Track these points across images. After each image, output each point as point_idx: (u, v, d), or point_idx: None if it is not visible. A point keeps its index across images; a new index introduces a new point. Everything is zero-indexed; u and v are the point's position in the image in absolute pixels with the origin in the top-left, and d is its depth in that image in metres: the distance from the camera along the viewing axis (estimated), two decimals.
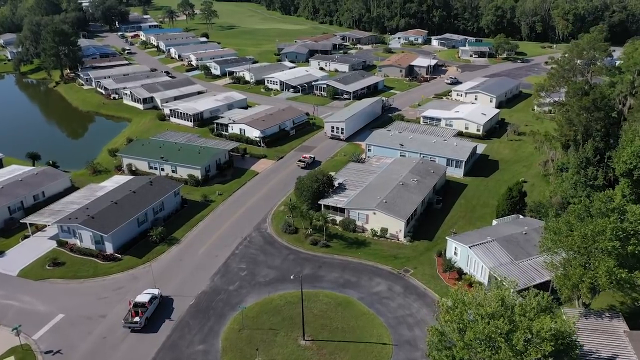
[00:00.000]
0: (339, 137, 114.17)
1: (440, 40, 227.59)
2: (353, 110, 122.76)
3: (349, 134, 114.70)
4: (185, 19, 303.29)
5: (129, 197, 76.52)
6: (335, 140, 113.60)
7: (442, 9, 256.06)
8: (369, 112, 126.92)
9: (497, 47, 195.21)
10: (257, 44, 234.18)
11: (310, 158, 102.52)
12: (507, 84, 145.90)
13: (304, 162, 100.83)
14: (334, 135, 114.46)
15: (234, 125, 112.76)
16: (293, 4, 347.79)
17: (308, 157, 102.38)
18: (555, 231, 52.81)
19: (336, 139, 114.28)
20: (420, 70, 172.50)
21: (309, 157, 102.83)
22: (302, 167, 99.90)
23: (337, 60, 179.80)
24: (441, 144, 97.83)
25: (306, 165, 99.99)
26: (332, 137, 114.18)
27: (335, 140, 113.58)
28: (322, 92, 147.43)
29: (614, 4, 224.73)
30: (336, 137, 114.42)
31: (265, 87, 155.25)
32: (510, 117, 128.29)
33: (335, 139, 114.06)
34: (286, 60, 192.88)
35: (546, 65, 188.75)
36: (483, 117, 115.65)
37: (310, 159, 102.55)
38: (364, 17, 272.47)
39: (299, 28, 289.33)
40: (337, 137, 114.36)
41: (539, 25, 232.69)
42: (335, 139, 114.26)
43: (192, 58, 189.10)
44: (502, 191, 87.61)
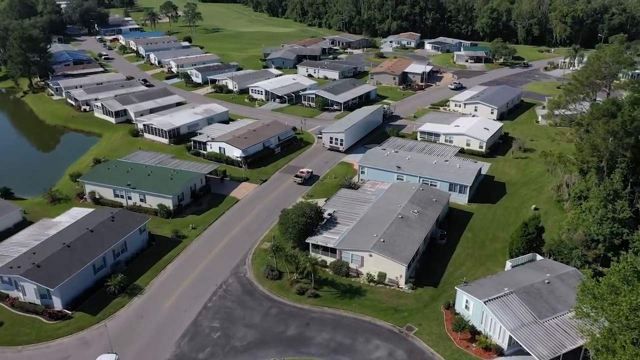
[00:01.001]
0: (338, 149, 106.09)
1: (433, 44, 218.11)
2: (353, 119, 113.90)
3: (349, 145, 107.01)
4: (168, 22, 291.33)
5: (86, 238, 65.61)
6: (334, 152, 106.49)
7: (435, 11, 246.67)
8: (370, 121, 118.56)
9: (494, 52, 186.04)
10: (243, 48, 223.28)
11: (307, 173, 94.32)
12: (508, 93, 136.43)
13: (301, 177, 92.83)
14: (333, 147, 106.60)
15: (213, 143, 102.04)
16: (281, 6, 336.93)
17: (305, 172, 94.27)
18: (595, 295, 42.96)
19: (335, 150, 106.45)
20: (415, 77, 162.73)
21: (306, 171, 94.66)
22: (298, 182, 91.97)
23: (327, 67, 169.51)
24: (442, 166, 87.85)
25: (303, 181, 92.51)
26: (331, 149, 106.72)
27: (334, 152, 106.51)
28: (310, 103, 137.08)
29: (613, 6, 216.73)
30: (335, 148, 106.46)
31: (250, 97, 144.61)
32: (513, 130, 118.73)
33: (334, 151, 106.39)
34: (272, 66, 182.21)
35: (546, 71, 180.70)
36: (486, 133, 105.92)
37: (308, 173, 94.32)
38: (354, 20, 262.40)
39: (286, 31, 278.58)
40: (336, 149, 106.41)
41: (535, 28, 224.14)
42: (334, 150, 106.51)
43: (172, 64, 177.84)
44: (512, 221, 78.56)
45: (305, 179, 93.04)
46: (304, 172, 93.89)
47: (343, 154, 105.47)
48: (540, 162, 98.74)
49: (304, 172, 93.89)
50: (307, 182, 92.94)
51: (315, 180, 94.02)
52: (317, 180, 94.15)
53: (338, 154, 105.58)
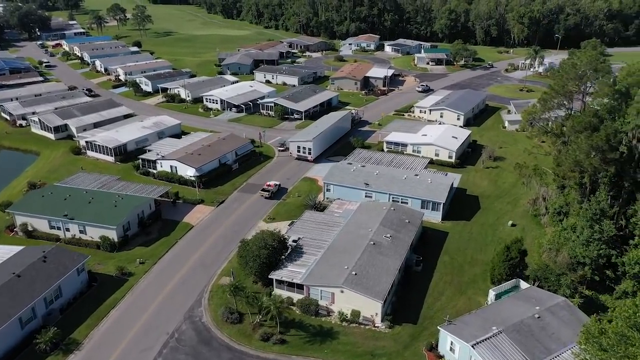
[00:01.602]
0: (307, 158, 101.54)
1: (393, 47, 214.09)
2: (320, 127, 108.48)
3: (318, 153, 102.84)
4: (116, 25, 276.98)
5: (11, 285, 56.19)
6: (300, 163, 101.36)
7: (393, 13, 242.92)
8: (338, 127, 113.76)
9: (455, 54, 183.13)
10: (196, 53, 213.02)
11: (275, 186, 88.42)
12: (473, 98, 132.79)
13: (268, 191, 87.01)
14: (301, 156, 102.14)
15: (164, 161, 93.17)
16: (235, 8, 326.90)
17: (273, 185, 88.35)
18: (603, 347, 37.62)
19: (303, 159, 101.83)
20: (377, 82, 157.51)
21: (273, 184, 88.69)
22: (266, 197, 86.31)
23: (285, 73, 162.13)
24: (413, 181, 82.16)
25: (271, 195, 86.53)
26: (299, 158, 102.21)
27: (298, 164, 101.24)
28: (269, 112, 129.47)
29: (568, 7, 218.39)
30: (303, 157, 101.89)
31: (204, 107, 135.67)
32: (481, 137, 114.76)
33: (303, 160, 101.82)
34: (228, 72, 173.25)
35: (507, 73, 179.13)
36: (454, 142, 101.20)
37: (275, 186, 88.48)
38: (311, 22, 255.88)
39: (242, 34, 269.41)
40: (304, 158, 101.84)
41: (494, 29, 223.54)
42: (302, 159, 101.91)
43: (119, 72, 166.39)
44: (489, 239, 73.74)
45: (273, 192, 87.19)
46: (271, 185, 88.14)
47: (311, 163, 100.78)
48: (512, 172, 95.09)
49: (271, 185, 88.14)
50: (274, 195, 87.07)
51: (283, 193, 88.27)
52: (285, 193, 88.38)
53: (302, 166, 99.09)
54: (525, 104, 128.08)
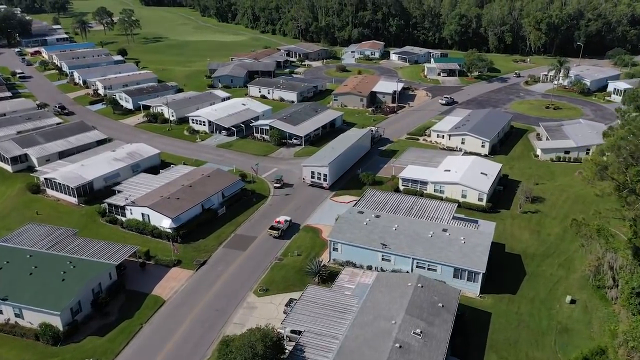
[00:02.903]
0: (321, 185, 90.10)
1: (400, 55, 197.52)
2: (338, 148, 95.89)
3: (334, 179, 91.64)
4: (103, 30, 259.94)
5: None
6: (317, 188, 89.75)
7: (399, 18, 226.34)
8: (357, 147, 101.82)
9: (469, 65, 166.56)
10: (186, 61, 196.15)
11: (285, 222, 76.00)
12: (497, 119, 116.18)
13: (277, 229, 74.34)
14: (315, 183, 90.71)
15: (134, 207, 76.52)
16: (230, 11, 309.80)
17: (283, 222, 75.72)
18: None
19: (317, 186, 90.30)
20: (385, 97, 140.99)
21: (283, 221, 75.95)
22: (275, 236, 73.88)
23: (283, 87, 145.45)
24: (442, 240, 65.62)
25: (281, 234, 74.25)
26: (313, 185, 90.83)
27: (316, 188, 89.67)
28: (264, 136, 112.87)
29: (588, 12, 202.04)
30: (317, 184, 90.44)
31: (190, 129, 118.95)
32: (511, 169, 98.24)
33: (317, 187, 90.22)
34: (219, 85, 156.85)
35: (528, 86, 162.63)
36: (484, 180, 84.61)
37: (286, 223, 76.01)
38: (311, 27, 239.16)
39: (237, 40, 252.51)
40: (318, 185, 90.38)
41: (508, 35, 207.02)
42: (316, 186, 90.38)
43: (98, 85, 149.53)
44: (545, 326, 57.29)
45: (284, 230, 74.79)
46: (281, 222, 75.65)
47: (327, 190, 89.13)
48: (556, 219, 79.01)
49: (281, 222, 75.65)
50: (285, 234, 74.85)
51: (295, 230, 75.87)
52: (297, 230, 75.86)
53: (316, 197, 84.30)
54: (557, 127, 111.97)
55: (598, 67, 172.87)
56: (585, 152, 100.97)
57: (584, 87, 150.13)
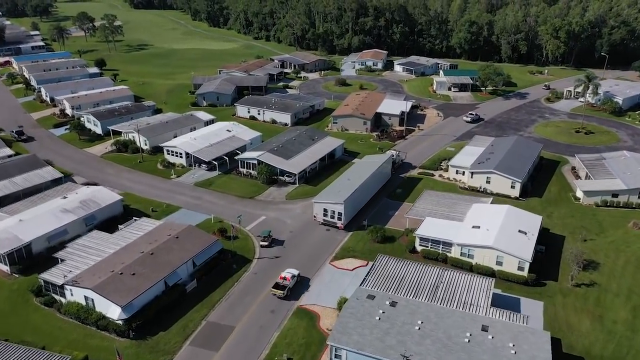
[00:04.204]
0: (335, 225, 77.64)
1: (405, 66, 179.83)
2: (355, 180, 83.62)
3: (350, 217, 79.04)
4: (84, 36, 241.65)
5: None
6: (331, 228, 77.25)
7: (403, 24, 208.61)
8: (377, 176, 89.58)
9: (484, 79, 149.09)
10: (170, 73, 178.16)
11: (292, 279, 63.60)
12: (526, 150, 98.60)
13: (283, 287, 62.25)
14: (328, 222, 78.28)
15: (75, 288, 58.80)
16: (222, 15, 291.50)
17: (289, 278, 63.42)
18: None
19: (331, 226, 77.85)
20: (391, 120, 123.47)
21: (289, 277, 63.65)
22: (280, 296, 61.86)
23: (275, 107, 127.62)
24: (484, 349, 48.04)
25: (287, 294, 61.90)
26: (325, 224, 78.45)
27: (329, 229, 77.18)
28: (251, 172, 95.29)
29: (611, 18, 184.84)
30: (331, 224, 77.96)
31: (164, 161, 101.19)
32: (548, 217, 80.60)
33: (330, 227, 77.72)
34: (204, 103, 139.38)
35: (550, 103, 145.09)
36: (524, 242, 67.13)
37: (293, 279, 63.72)
38: (307, 34, 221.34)
39: (228, 47, 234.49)
40: (332, 224, 77.91)
41: (522, 44, 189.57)
42: (329, 225, 77.94)
43: (65, 104, 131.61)
44: None
45: (290, 288, 62.65)
46: (287, 279, 63.37)
47: (342, 231, 76.67)
48: (619, 296, 61.65)
49: (287, 279, 63.37)
50: (292, 293, 62.55)
51: (305, 287, 63.93)
52: (307, 287, 62.39)
53: (327, 243, 66.29)
54: (598, 161, 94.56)
55: (628, 81, 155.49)
56: (638, 196, 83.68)
57: (615, 106, 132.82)
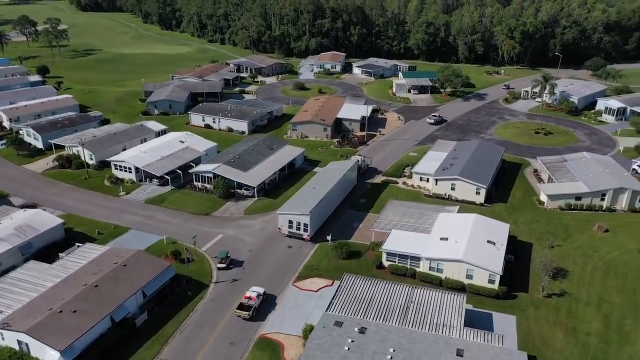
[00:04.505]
0: (301, 237, 74.61)
1: (364, 68, 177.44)
2: (320, 189, 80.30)
3: (317, 228, 76.18)
4: (26, 41, 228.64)
5: None
6: (296, 240, 74.11)
7: (361, 26, 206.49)
8: (343, 184, 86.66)
9: (443, 81, 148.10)
10: (120, 80, 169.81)
11: (258, 298, 59.90)
12: (488, 154, 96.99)
13: (248, 308, 58.48)
14: (294, 234, 75.25)
15: (5, 331, 52.33)
16: (174, 18, 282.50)
17: (254, 298, 59.64)
18: None
19: (297, 238, 74.78)
20: (352, 125, 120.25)
21: (255, 296, 59.83)
22: (245, 318, 58.02)
23: (231, 115, 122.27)
24: None
25: (253, 313, 58.45)
26: (290, 235, 75.39)
27: (294, 241, 74.06)
28: (206, 186, 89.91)
29: (563, 18, 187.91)
30: (296, 235, 74.96)
31: (112, 177, 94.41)
32: (514, 223, 78.70)
33: (296, 238, 74.65)
34: (156, 112, 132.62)
35: (508, 104, 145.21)
36: (494, 253, 64.75)
37: (259, 298, 60.05)
38: (263, 36, 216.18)
39: (181, 51, 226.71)
40: (297, 236, 74.88)
41: (479, 44, 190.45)
42: (294, 237, 74.91)
43: (2, 117, 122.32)
44: None
45: (255, 308, 59.08)
46: (252, 298, 59.66)
47: (305, 248, 72.75)
48: (590, 305, 60.26)
49: (252, 298, 59.66)
50: (258, 313, 59.29)
51: (272, 306, 60.66)
52: (273, 306, 58.75)
53: (292, 259, 60.42)
54: (559, 163, 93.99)
55: (582, 80, 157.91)
56: (600, 198, 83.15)
57: (571, 106, 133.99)
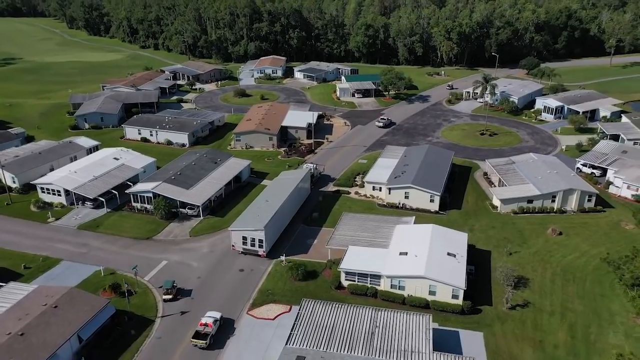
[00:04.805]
0: (257, 253, 70.75)
1: (305, 72, 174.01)
2: (273, 202, 76.39)
3: (272, 243, 72.67)
4: None
5: None
6: (248, 261, 69.48)
7: (300, 29, 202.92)
8: (297, 194, 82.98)
9: (387, 84, 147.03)
10: (45, 91, 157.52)
11: (215, 324, 55.68)
12: (439, 159, 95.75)
13: (204, 336, 54.30)
14: (248, 250, 71.20)
15: None
16: (103, 22, 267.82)
17: (211, 324, 55.41)
18: None
19: (251, 254, 70.83)
20: (298, 133, 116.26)
21: (212, 322, 55.58)
22: (202, 347, 53.75)
23: (170, 127, 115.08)
24: None
25: (210, 342, 54.07)
26: (245, 252, 71.42)
27: (246, 262, 69.43)
28: (146, 206, 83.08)
29: (496, 19, 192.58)
30: (251, 252, 70.95)
31: (39, 202, 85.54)
32: (471, 231, 77.23)
33: (251, 255, 70.73)
34: (86, 126, 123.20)
35: (451, 105, 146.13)
36: (455, 266, 62.69)
37: (216, 325, 55.81)
38: (199, 41, 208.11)
39: (111, 58, 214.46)
40: (253, 252, 70.91)
41: (418, 46, 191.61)
42: (249, 254, 70.92)
43: None
44: None
45: (212, 335, 54.79)
46: (208, 325, 55.49)
47: (264, 259, 70.14)
48: (555, 315, 59.46)
49: (208, 325, 55.49)
50: (215, 340, 54.59)
51: (230, 331, 56.34)
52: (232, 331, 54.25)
53: (248, 279, 57.14)
54: (508, 165, 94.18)
55: (519, 80, 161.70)
56: (551, 200, 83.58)
57: (512, 106, 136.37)
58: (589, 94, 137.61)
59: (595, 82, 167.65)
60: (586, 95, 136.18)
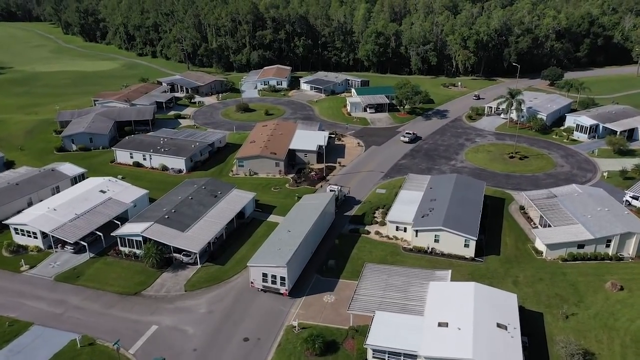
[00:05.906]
0: (278, 291, 63.39)
1: (313, 84, 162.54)
2: (296, 233, 68.52)
3: (295, 280, 64.80)
4: None
5: None
6: (254, 330, 57.95)
7: (305, 37, 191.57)
8: (321, 222, 74.74)
9: (402, 99, 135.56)
10: (32, 105, 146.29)
11: None
12: (470, 193, 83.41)
13: None
14: (269, 288, 63.85)
15: None
16: (99, 28, 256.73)
17: None
18: None
19: (272, 292, 63.55)
20: (308, 156, 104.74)
21: None
22: None
23: (165, 151, 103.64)
24: None
25: None
26: (265, 290, 64.10)
27: (252, 331, 58.05)
28: (135, 251, 71.59)
29: (515, 26, 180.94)
30: (272, 289, 63.67)
31: (12, 245, 74.04)
32: (515, 284, 65.69)
33: (271, 292, 63.38)
34: (73, 146, 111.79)
35: (472, 122, 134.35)
36: (509, 342, 50.90)
37: None
38: (199, 49, 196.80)
39: (106, 68, 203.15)
40: (273, 290, 63.60)
41: (432, 55, 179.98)
42: (269, 291, 63.64)
43: None
44: None
45: None
46: None
47: (286, 297, 62.65)
48: None
49: None
50: None
51: None
52: None
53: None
54: (549, 200, 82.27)
55: (543, 93, 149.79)
56: (605, 245, 71.89)
57: (540, 123, 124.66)
58: (624, 110, 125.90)
59: (623, 94, 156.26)
60: (621, 112, 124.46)
